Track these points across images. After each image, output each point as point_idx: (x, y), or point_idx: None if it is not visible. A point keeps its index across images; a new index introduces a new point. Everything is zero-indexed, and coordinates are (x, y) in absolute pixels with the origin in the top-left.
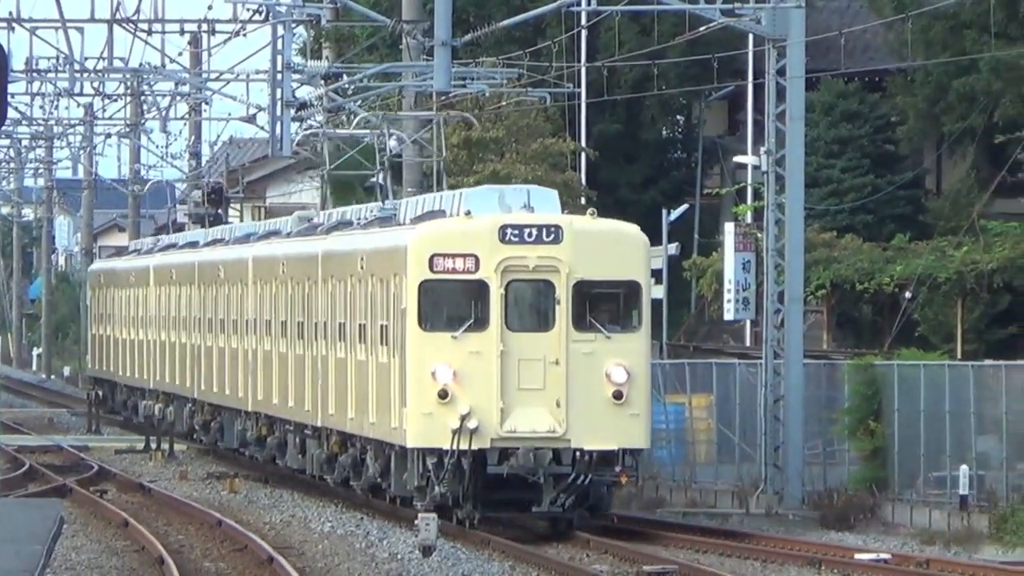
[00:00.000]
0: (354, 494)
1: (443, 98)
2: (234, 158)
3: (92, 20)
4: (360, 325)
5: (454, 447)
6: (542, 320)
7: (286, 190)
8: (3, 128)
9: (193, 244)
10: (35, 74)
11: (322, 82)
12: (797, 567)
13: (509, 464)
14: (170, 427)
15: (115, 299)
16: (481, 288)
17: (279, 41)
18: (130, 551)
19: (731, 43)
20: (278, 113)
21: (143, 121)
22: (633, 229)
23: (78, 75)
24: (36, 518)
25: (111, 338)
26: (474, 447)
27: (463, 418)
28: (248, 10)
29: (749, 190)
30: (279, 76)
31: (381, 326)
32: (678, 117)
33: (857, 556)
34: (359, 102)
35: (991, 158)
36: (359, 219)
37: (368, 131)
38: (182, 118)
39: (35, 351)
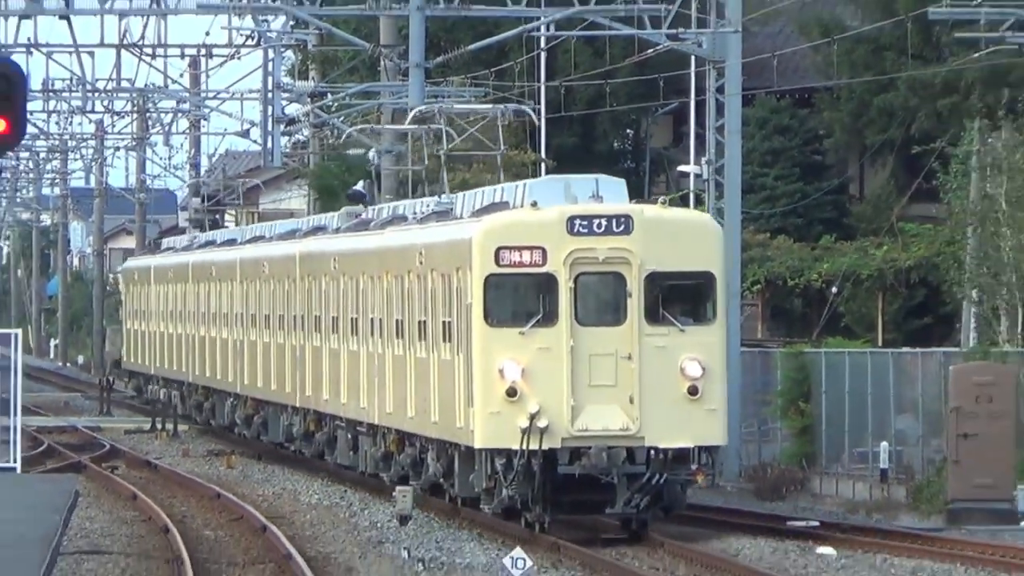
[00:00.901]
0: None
1: (420, 113)
2: (230, 168)
3: (102, 45)
4: (420, 322)
5: (524, 447)
6: (613, 314)
7: (277, 197)
8: (22, 142)
9: (231, 241)
10: (51, 94)
11: (309, 100)
12: (736, 535)
13: (581, 464)
14: (208, 420)
15: (151, 295)
16: (549, 281)
17: (270, 64)
18: (138, 521)
19: (675, 64)
20: (269, 128)
21: (148, 136)
22: (706, 218)
23: (90, 94)
24: (54, 491)
25: (147, 333)
26: (544, 447)
27: (532, 417)
28: (242, 35)
29: (692, 196)
30: (270, 95)
31: (443, 322)
32: (628, 131)
33: (789, 523)
34: (342, 118)
35: (908, 167)
36: (414, 214)
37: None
38: (183, 133)
39: (52, 342)
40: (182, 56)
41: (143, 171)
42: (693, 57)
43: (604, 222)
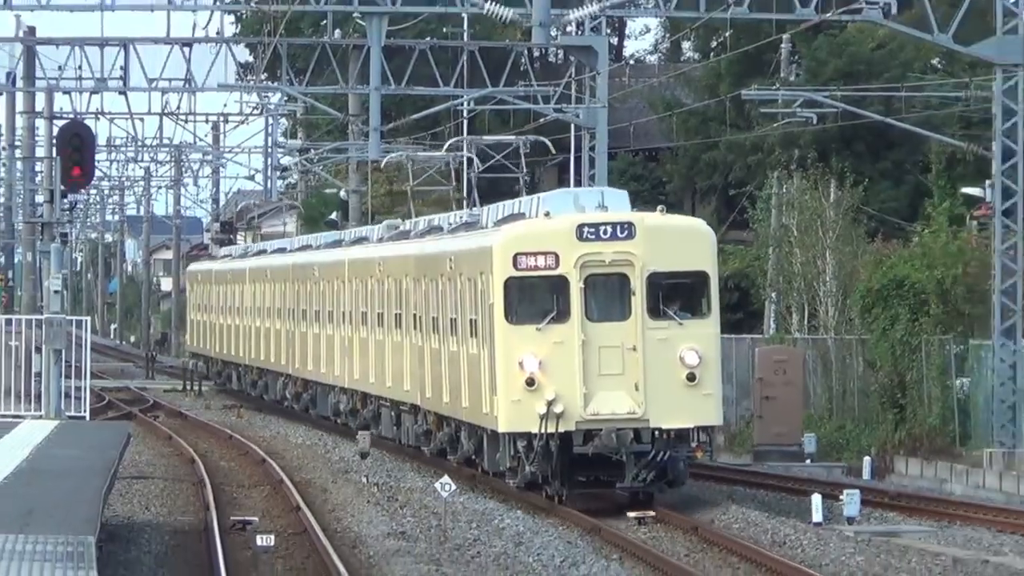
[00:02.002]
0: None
1: (375, 163)
2: (240, 202)
3: (149, 113)
4: (451, 319)
5: (542, 431)
6: (619, 310)
7: (273, 223)
8: (92, 182)
9: (282, 250)
10: (112, 148)
11: (297, 154)
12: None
13: (593, 444)
14: (262, 395)
15: (212, 293)
16: (562, 283)
17: (270, 127)
18: (173, 455)
19: (561, 129)
20: (269, 174)
21: (182, 178)
22: (700, 223)
23: (140, 148)
24: (113, 434)
25: (208, 323)
26: (560, 430)
27: (549, 403)
28: (249, 107)
29: None
30: (269, 150)
31: (470, 320)
32: (526, 178)
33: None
34: (321, 166)
35: (727, 204)
36: (448, 224)
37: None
38: (207, 176)
39: (112, 326)
40: (206, 121)
41: (178, 203)
42: (573, 124)
43: (610, 229)
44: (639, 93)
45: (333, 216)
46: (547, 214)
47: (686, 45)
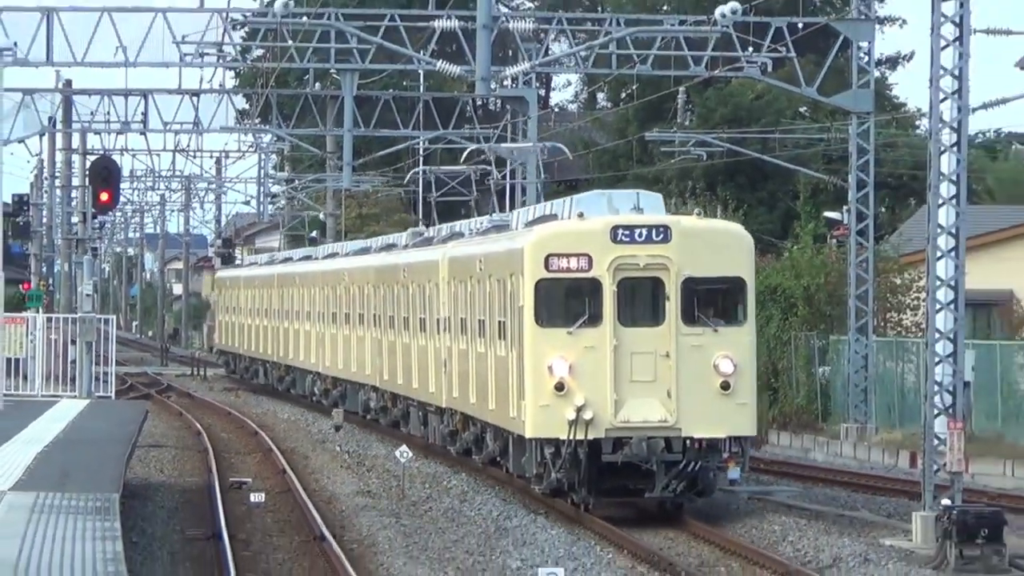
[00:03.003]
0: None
1: (348, 191)
2: (238, 222)
3: (164, 150)
4: (479, 321)
5: (571, 437)
6: (653, 315)
7: (265, 239)
8: (118, 206)
9: (308, 258)
10: (134, 178)
11: (284, 183)
12: None
13: (623, 453)
14: (289, 390)
15: (240, 296)
16: (594, 286)
17: (262, 162)
18: (183, 428)
19: (499, 163)
20: (261, 199)
21: (191, 203)
22: (737, 228)
23: (157, 178)
24: (133, 411)
25: (236, 323)
26: (590, 437)
27: (579, 409)
28: (245, 145)
29: None
30: (262, 180)
31: (499, 322)
32: (471, 205)
33: None
34: (304, 193)
35: None
36: (470, 230)
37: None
38: (211, 201)
39: (134, 323)
40: (211, 157)
41: (187, 224)
42: (509, 160)
43: (645, 231)
44: (562, 134)
45: (313, 234)
46: (580, 215)
47: (600, 95)
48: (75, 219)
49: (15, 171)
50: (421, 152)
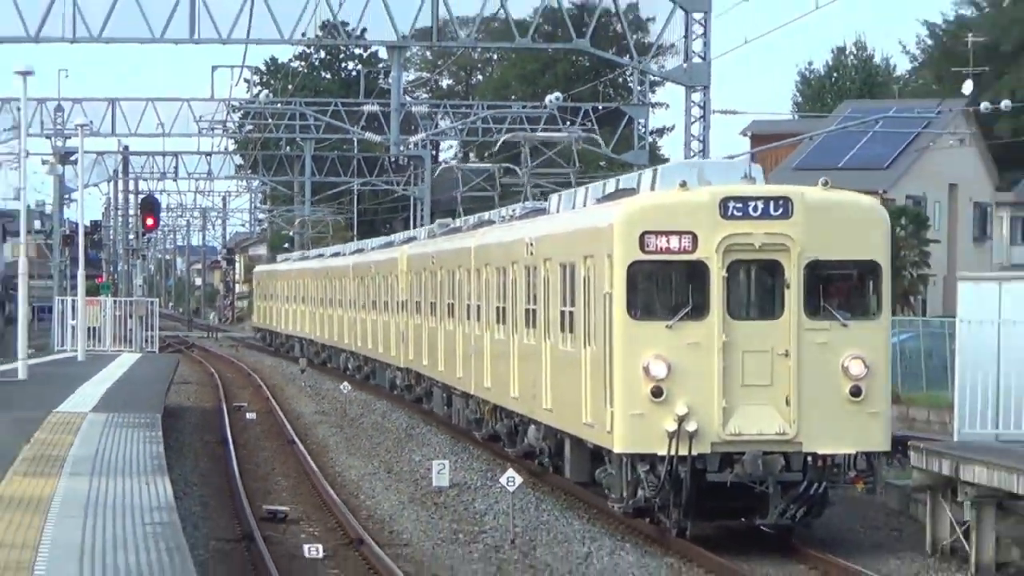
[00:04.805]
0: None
1: (307, 217)
2: (237, 238)
3: (188, 191)
4: (527, 310)
5: (672, 452)
6: (769, 306)
7: (255, 248)
8: (158, 228)
9: (337, 254)
10: (169, 209)
11: (267, 212)
12: None
13: (733, 472)
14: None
15: (277, 286)
16: (700, 270)
17: (252, 198)
18: (202, 372)
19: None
20: (252, 223)
21: (206, 225)
22: (872, 202)
23: (184, 209)
24: (169, 360)
25: (272, 308)
26: (693, 452)
27: (681, 419)
28: (242, 187)
29: None
30: (252, 210)
31: (562, 312)
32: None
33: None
34: (281, 219)
35: None
36: (501, 217)
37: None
38: (219, 224)
39: (169, 303)
40: (219, 195)
41: (203, 239)
42: (412, 196)
43: (761, 204)
44: (447, 181)
45: (286, 245)
46: (683, 184)
47: (472, 155)
48: (131, 236)
49: (92, 205)
50: (355, 191)
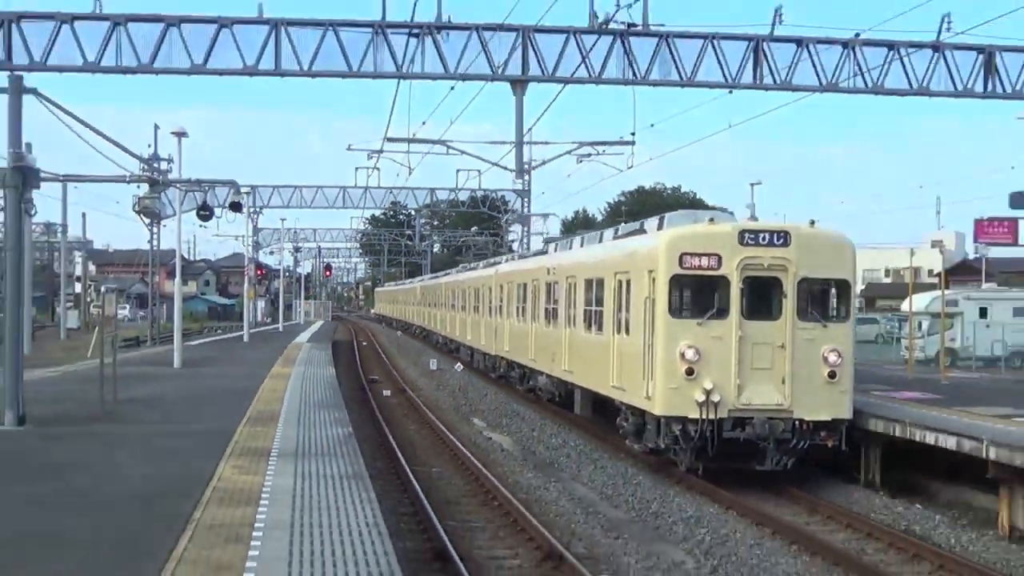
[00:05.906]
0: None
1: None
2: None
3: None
4: (586, 311)
5: (703, 416)
6: (772, 310)
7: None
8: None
9: (446, 273)
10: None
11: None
12: None
13: (744, 431)
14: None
15: (395, 298)
16: (723, 282)
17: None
18: (345, 331)
19: None
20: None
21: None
22: (843, 235)
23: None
24: (334, 324)
25: (391, 308)
26: (716, 416)
27: (708, 392)
28: (238, 241)
29: None
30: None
31: (618, 318)
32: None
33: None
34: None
35: None
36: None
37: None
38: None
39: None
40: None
41: (355, 277)
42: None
43: (768, 236)
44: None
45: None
46: (712, 220)
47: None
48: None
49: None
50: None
